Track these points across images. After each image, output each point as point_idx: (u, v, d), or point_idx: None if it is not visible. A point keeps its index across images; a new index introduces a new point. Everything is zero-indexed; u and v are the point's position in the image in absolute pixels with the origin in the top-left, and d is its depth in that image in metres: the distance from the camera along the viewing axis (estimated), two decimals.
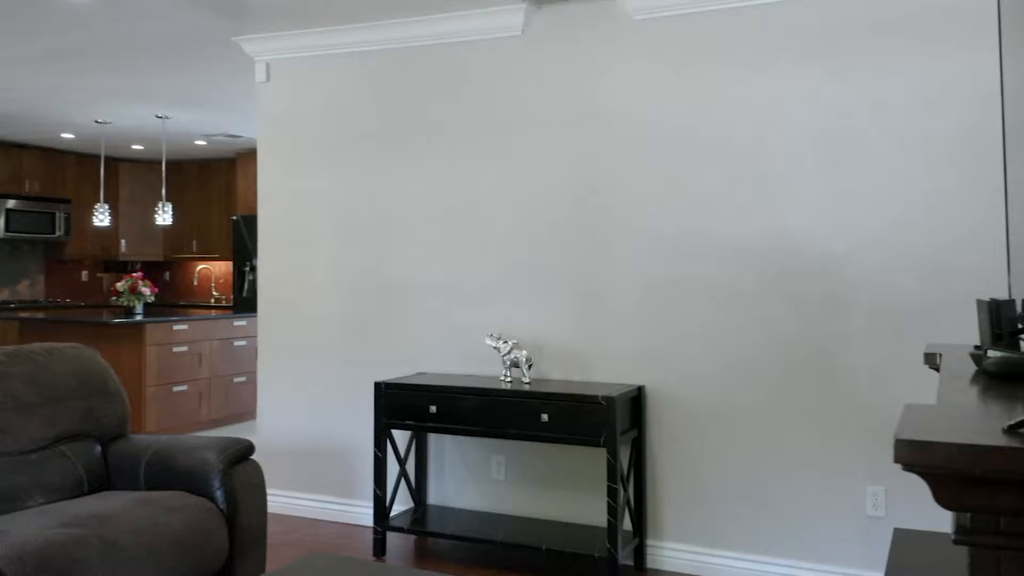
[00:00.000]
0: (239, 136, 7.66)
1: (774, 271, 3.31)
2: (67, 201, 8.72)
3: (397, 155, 4.05)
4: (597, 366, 3.62)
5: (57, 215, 8.57)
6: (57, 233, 8.58)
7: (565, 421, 3.24)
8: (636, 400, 3.47)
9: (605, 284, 3.60)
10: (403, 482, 3.86)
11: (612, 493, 3.17)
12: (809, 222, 3.26)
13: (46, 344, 2.99)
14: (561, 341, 3.69)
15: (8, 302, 8.46)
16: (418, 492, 3.89)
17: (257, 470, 2.92)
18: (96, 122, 7.08)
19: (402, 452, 3.85)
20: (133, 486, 2.84)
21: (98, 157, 8.79)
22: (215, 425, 6.64)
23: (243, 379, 6.83)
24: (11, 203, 8.16)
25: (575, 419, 3.23)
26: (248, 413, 6.86)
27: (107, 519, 2.35)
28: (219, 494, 2.73)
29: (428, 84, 3.98)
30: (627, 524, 3.48)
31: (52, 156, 8.59)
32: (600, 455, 3.58)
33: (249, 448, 2.93)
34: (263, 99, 4.40)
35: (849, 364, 3.19)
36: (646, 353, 3.52)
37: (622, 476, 3.26)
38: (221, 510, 2.72)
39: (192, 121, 7.00)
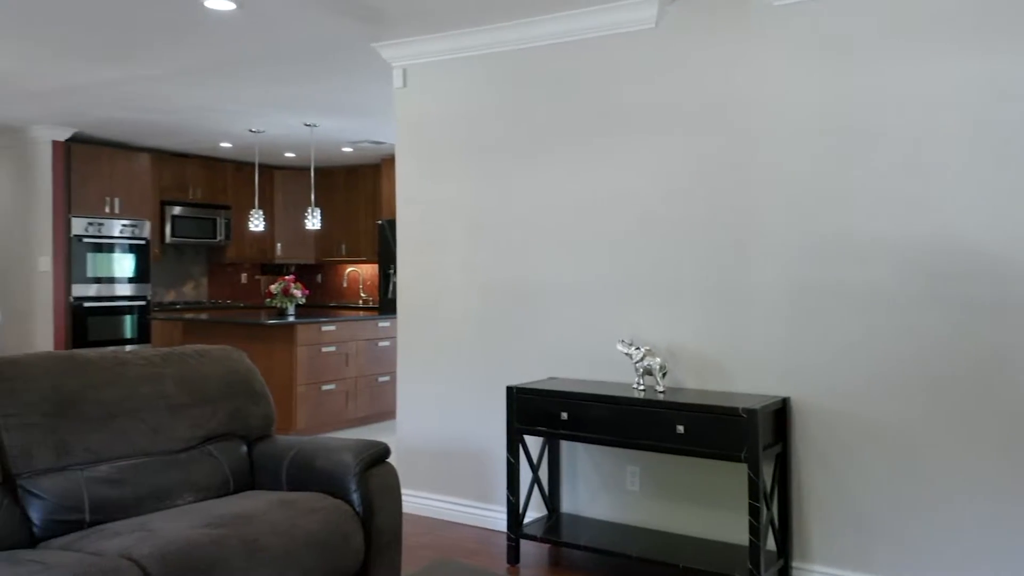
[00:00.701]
0: (382, 142, 7.89)
1: (936, 275, 3.03)
2: (227, 207, 9.27)
3: (526, 156, 4.02)
4: (736, 375, 3.44)
5: (218, 220, 9.14)
6: (218, 238, 9.15)
7: (702, 434, 3.10)
8: (780, 413, 3.27)
9: (744, 288, 3.42)
10: (536, 489, 3.82)
11: (754, 512, 3.00)
12: (979, 223, 2.96)
13: (197, 346, 3.14)
14: (696, 348, 3.54)
15: (174, 303, 9.10)
16: (551, 499, 3.84)
17: (392, 473, 2.96)
18: (250, 131, 7.48)
19: (535, 458, 3.81)
20: (275, 486, 2.94)
21: (253, 164, 9.30)
22: (361, 423, 6.86)
23: (387, 378, 7.02)
24: (177, 209, 8.76)
25: (713, 432, 3.08)
26: (392, 412, 7.06)
27: (248, 519, 2.43)
28: (355, 496, 2.78)
29: (557, 82, 3.92)
30: (770, 544, 3.29)
31: (213, 165, 9.16)
32: (741, 470, 3.40)
33: (385, 451, 2.97)
34: (400, 105, 4.48)
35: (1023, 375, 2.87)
36: (791, 362, 3.32)
37: (765, 494, 3.08)
38: (357, 512, 2.76)
39: (338, 128, 7.27)
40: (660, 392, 3.36)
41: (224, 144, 8.27)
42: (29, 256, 7.78)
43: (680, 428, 3.14)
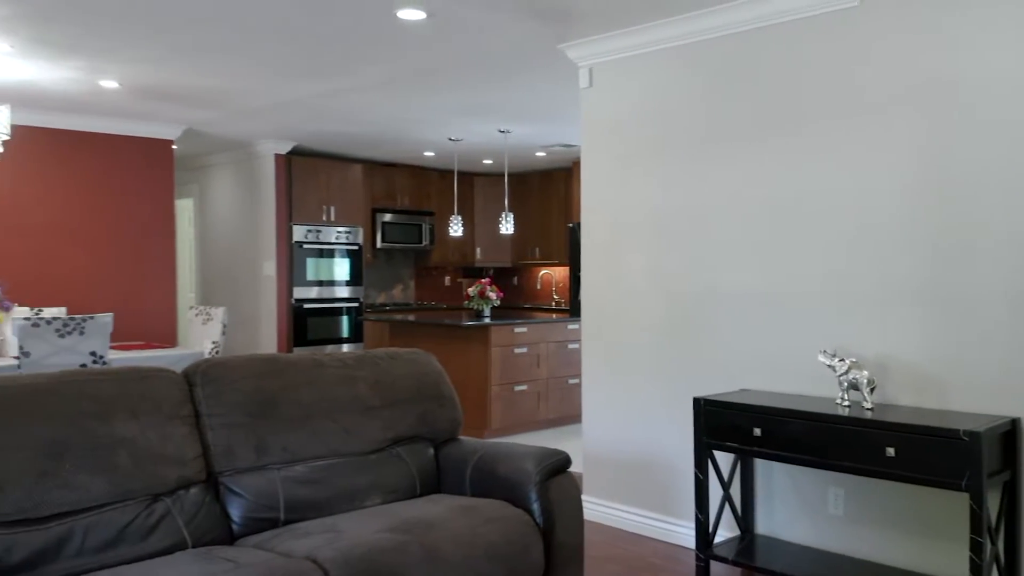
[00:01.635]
0: (573, 145, 7.89)
1: None
2: (431, 213, 9.68)
3: (715, 153, 3.83)
4: (955, 392, 3.07)
5: (423, 226, 9.56)
6: (423, 242, 9.57)
7: (916, 457, 2.79)
8: (1009, 436, 2.88)
9: (966, 293, 3.04)
10: (727, 507, 3.63)
11: (976, 547, 2.66)
12: None
13: (389, 349, 3.26)
14: (908, 360, 3.19)
15: (384, 304, 9.62)
16: (744, 519, 3.63)
17: (573, 484, 2.92)
18: (450, 140, 7.74)
19: (725, 474, 3.62)
20: (460, 490, 2.98)
21: (453, 172, 9.64)
22: (551, 425, 6.90)
23: (576, 381, 7.00)
24: (387, 217, 9.25)
25: (929, 456, 2.76)
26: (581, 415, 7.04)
27: (431, 526, 2.48)
28: (535, 507, 2.76)
29: (750, 72, 3.70)
30: None
31: (418, 173, 9.60)
32: (961, 499, 3.03)
33: (565, 461, 2.93)
34: (586, 105, 4.43)
35: None
36: (1022, 378, 2.91)
37: (989, 527, 2.72)
38: (537, 524, 2.74)
39: (531, 133, 7.35)
40: (867, 409, 3.07)
41: (428, 153, 8.63)
42: (255, 261, 8.53)
43: (890, 450, 2.84)
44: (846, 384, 3.16)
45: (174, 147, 7.55)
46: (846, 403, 3.16)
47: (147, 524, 2.26)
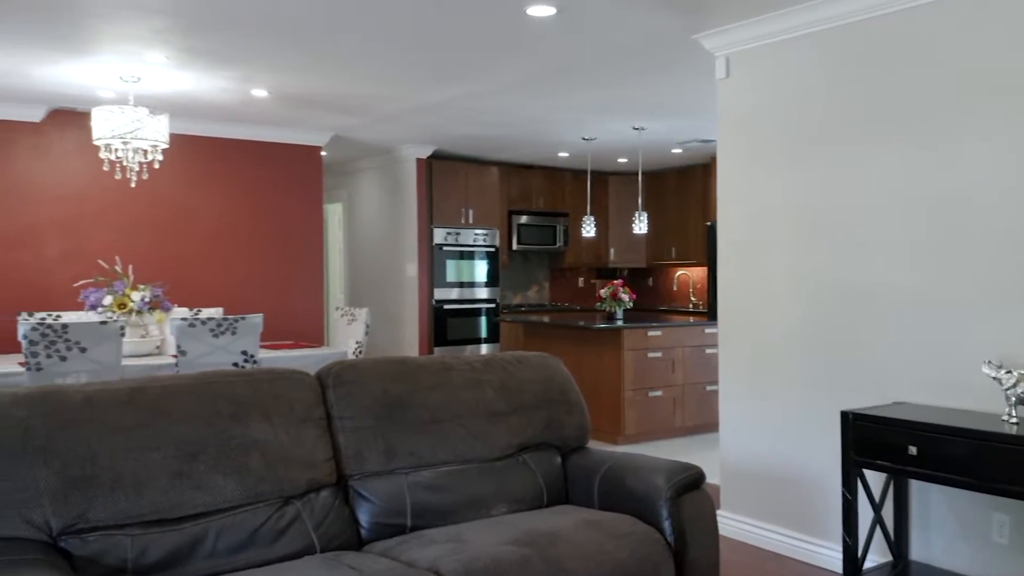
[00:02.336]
0: (710, 140, 7.62)
1: None
2: (565, 215, 9.63)
3: (865, 145, 3.55)
4: None
5: (558, 227, 9.53)
6: (558, 244, 9.54)
7: None
8: None
9: None
10: (878, 530, 3.36)
11: None
12: None
13: (516, 353, 3.22)
14: None
15: (520, 305, 9.66)
16: (897, 544, 3.35)
17: (707, 502, 2.77)
18: (583, 139, 7.66)
19: (876, 494, 3.35)
20: (587, 502, 2.90)
21: (587, 172, 9.53)
22: (688, 432, 6.68)
23: (715, 387, 6.75)
24: (523, 219, 9.29)
25: None
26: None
27: (556, 539, 2.41)
28: (667, 524, 2.64)
29: (904, 55, 3.40)
30: None
31: (552, 174, 9.57)
32: None
33: (699, 477, 2.79)
34: (723, 97, 4.23)
35: None
36: None
37: None
38: (668, 542, 2.62)
39: (666, 129, 7.16)
40: None
41: (562, 154, 8.59)
42: (399, 263, 8.76)
43: None
44: (1014, 399, 2.85)
45: (323, 153, 7.87)
46: (1014, 419, 2.85)
47: (277, 527, 2.31)
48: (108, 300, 5.47)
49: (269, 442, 2.39)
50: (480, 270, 8.86)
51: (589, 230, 7.83)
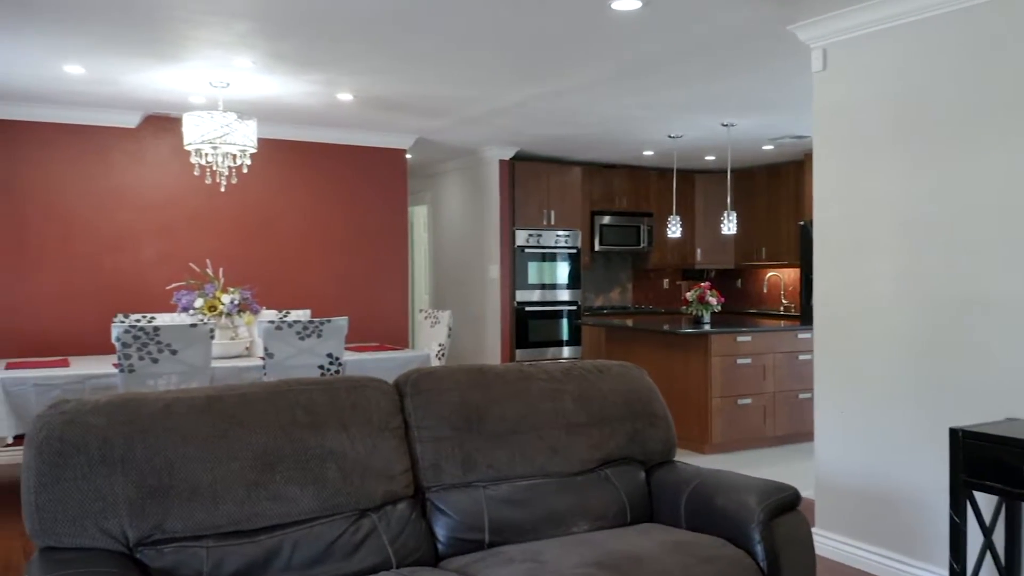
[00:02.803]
0: (804, 136, 7.31)
1: None
2: (649, 215, 9.43)
3: (981, 140, 3.28)
4: None
5: (641, 228, 9.34)
6: (641, 245, 9.35)
7: None
8: None
9: None
10: (988, 555, 3.10)
11: None
12: None
13: (597, 361, 3.10)
14: None
15: (602, 308, 9.51)
16: (1008, 571, 3.09)
17: (803, 524, 2.60)
18: (669, 137, 7.47)
19: (987, 518, 3.09)
20: (674, 520, 2.76)
21: (673, 171, 9.32)
22: (779, 443, 6.42)
23: (808, 395, 6.46)
24: (605, 219, 9.14)
25: None
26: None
27: (639, 561, 2.29)
28: (758, 548, 2.48)
29: (1020, 42, 3.13)
30: None
31: (636, 174, 9.39)
32: None
33: (794, 498, 2.62)
34: (819, 91, 4.01)
35: None
36: None
37: None
38: (761, 567, 2.45)
39: (757, 125, 6.90)
40: None
41: (646, 152, 8.40)
42: (481, 265, 8.74)
43: None
44: None
45: (407, 156, 7.91)
46: None
47: (353, 541, 2.26)
48: (199, 303, 5.60)
49: (346, 452, 2.35)
50: (562, 272, 8.75)
51: (675, 230, 7.63)
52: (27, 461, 1.98)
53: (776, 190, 9.09)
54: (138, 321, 6.05)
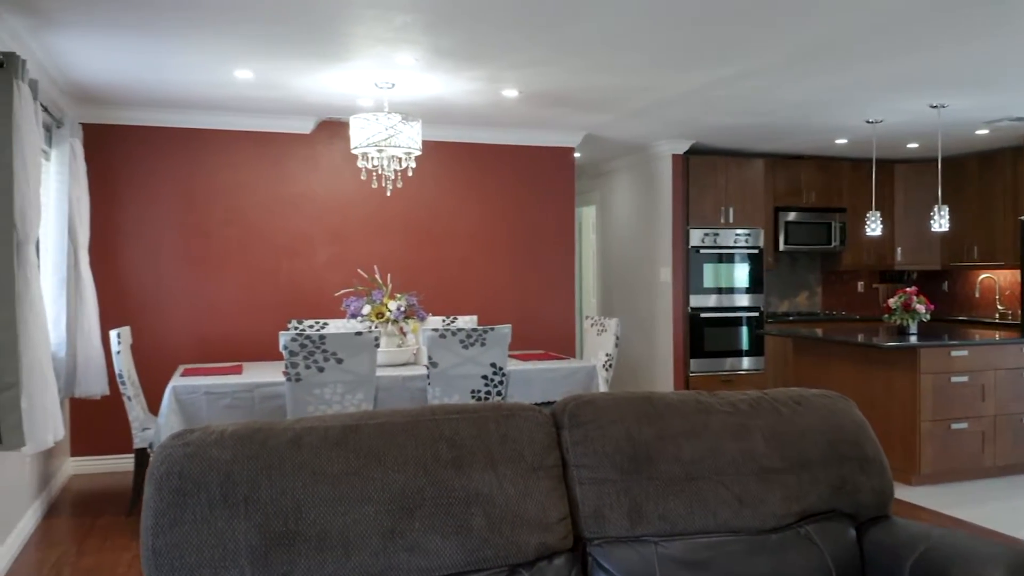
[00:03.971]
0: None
1: None
2: (841, 210, 8.59)
3: None
4: None
5: (832, 225, 8.52)
6: (832, 244, 8.54)
7: None
8: None
9: None
10: None
11: None
12: None
13: (792, 390, 2.61)
14: None
15: (786, 314, 8.76)
16: None
17: None
18: (867, 122, 6.69)
19: None
20: None
21: (870, 161, 8.42)
22: (1002, 473, 5.54)
23: None
24: (791, 216, 8.40)
25: None
26: None
27: None
28: None
29: None
30: None
31: (827, 165, 8.57)
32: None
33: None
34: None
35: None
36: None
37: None
38: None
39: (972, 106, 6.02)
40: None
41: (839, 140, 7.61)
42: (652, 267, 8.26)
43: None
44: None
45: (576, 155, 7.59)
46: None
47: None
48: (367, 309, 5.55)
49: (494, 496, 2.03)
50: (741, 274, 8.11)
51: (874, 227, 6.81)
52: (147, 498, 1.81)
53: (990, 180, 7.99)
54: (311, 327, 6.11)
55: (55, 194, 5.29)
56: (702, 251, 7.97)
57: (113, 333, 4.94)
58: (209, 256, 6.42)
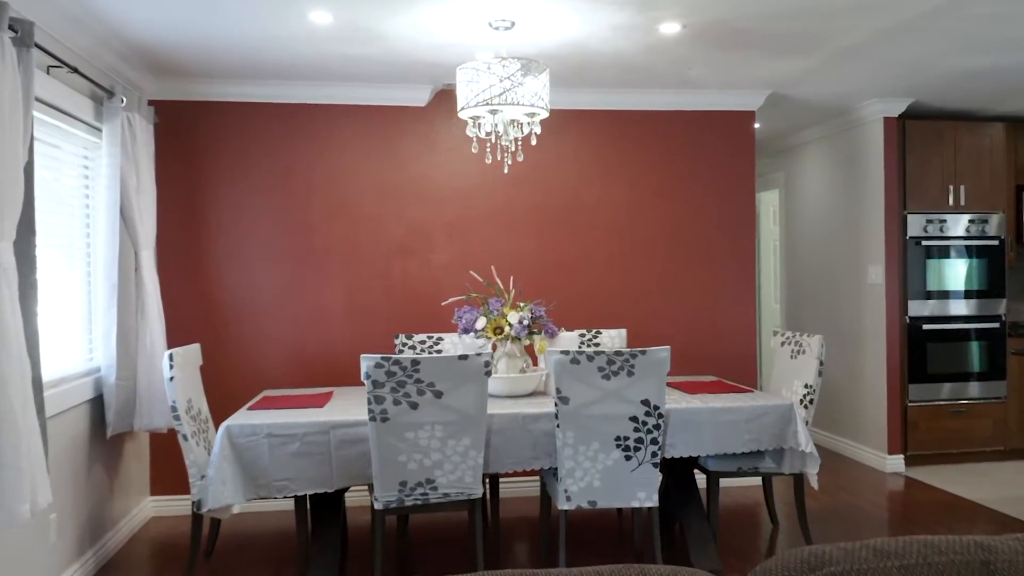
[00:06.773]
0: None
1: None
2: None
3: None
4: None
5: None
6: None
7: None
8: None
9: None
10: None
11: None
12: None
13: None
14: None
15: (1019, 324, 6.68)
16: None
17: None
18: None
19: None
20: None
21: None
22: None
23: None
24: None
25: None
26: None
27: None
28: None
29: None
30: None
31: None
32: None
33: None
34: None
35: None
36: None
37: None
38: None
39: None
40: None
41: None
42: (856, 265, 6.48)
43: None
44: None
45: (756, 125, 5.96)
46: None
47: None
48: (482, 323, 4.24)
49: None
50: (976, 273, 6.18)
51: None
52: None
53: None
54: (422, 343, 4.88)
55: (106, 180, 4.31)
56: (924, 243, 6.12)
57: (166, 354, 3.86)
58: (306, 256, 5.32)
